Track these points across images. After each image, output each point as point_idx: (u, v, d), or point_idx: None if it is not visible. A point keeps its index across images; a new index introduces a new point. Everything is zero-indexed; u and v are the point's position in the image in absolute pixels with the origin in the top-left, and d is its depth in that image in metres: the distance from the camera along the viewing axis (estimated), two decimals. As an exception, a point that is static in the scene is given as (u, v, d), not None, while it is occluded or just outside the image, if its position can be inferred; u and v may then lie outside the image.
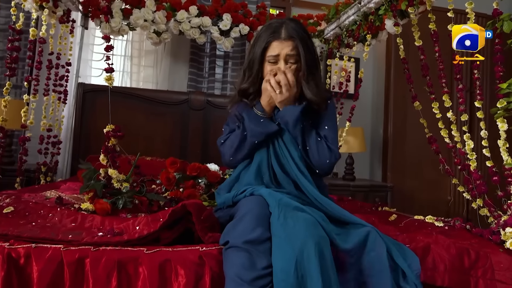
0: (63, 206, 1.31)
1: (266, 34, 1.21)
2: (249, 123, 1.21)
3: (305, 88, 1.21)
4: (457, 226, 1.22)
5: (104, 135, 1.47)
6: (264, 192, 1.07)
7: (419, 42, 1.66)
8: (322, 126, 1.26)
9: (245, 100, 1.26)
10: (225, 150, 1.28)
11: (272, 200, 1.01)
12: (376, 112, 3.40)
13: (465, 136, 1.38)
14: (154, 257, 0.90)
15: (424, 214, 3.13)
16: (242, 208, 1.03)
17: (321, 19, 2.78)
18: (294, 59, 1.20)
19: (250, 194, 1.10)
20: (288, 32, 1.19)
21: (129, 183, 1.27)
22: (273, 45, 1.19)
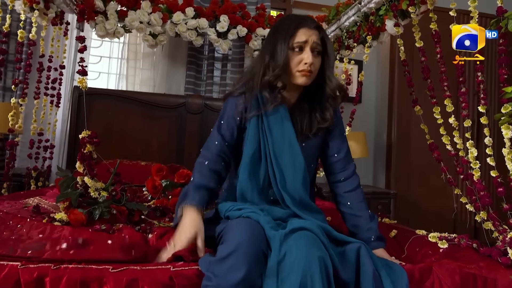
0: (40, 215, 1.25)
1: (292, 22, 1.15)
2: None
3: (329, 81, 1.17)
4: (463, 245, 1.12)
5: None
6: (264, 222, 0.97)
7: (420, 43, 1.57)
8: (337, 146, 1.25)
9: (265, 94, 1.14)
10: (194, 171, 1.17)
11: (274, 235, 0.92)
12: (379, 116, 3.30)
13: (468, 143, 1.29)
14: (120, 276, 0.83)
15: (429, 222, 3.01)
16: (232, 237, 0.91)
17: (322, 21, 2.69)
18: (319, 50, 1.14)
19: (247, 216, 1.01)
20: (315, 23, 1.16)
21: (108, 192, 1.20)
22: (300, 32, 1.12)
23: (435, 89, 1.53)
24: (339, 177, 1.25)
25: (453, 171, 1.43)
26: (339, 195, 1.25)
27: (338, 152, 1.25)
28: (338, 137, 1.27)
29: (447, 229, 2.74)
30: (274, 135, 1.15)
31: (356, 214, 1.21)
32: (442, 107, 1.47)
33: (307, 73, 1.12)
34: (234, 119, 1.19)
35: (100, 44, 2.91)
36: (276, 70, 1.12)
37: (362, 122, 3.21)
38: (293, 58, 1.13)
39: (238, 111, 1.18)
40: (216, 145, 1.18)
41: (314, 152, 1.24)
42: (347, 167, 1.26)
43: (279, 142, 1.15)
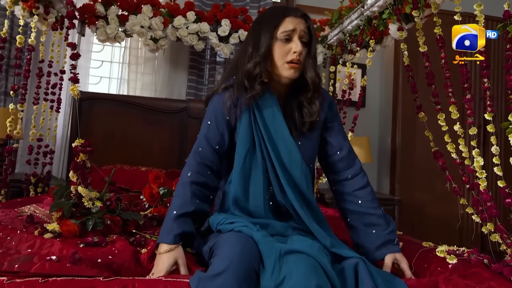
0: (33, 225, 1.23)
1: (277, 12, 1.09)
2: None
3: (310, 69, 1.09)
4: (473, 260, 1.06)
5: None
6: (258, 236, 0.91)
7: (423, 48, 1.53)
8: (339, 142, 1.18)
9: (247, 85, 1.06)
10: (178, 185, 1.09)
11: (269, 251, 0.87)
12: (384, 120, 3.25)
13: (474, 151, 1.24)
14: (112, 285, 0.79)
15: (434, 229, 2.95)
16: (222, 254, 0.86)
17: (325, 24, 2.66)
18: (307, 39, 1.08)
19: (238, 231, 0.95)
20: (301, 11, 1.10)
21: (102, 202, 1.18)
22: (287, 21, 1.06)
23: (440, 95, 1.48)
24: (346, 175, 1.17)
25: (459, 180, 1.38)
26: (348, 193, 1.15)
27: (340, 149, 1.18)
28: (338, 133, 1.20)
29: (453, 236, 2.70)
30: (269, 129, 1.09)
31: (370, 212, 1.11)
32: (447, 114, 1.42)
33: (295, 64, 1.06)
34: (223, 118, 1.10)
35: (101, 48, 2.90)
36: (257, 58, 1.06)
37: (365, 126, 3.16)
38: (280, 49, 1.06)
39: (226, 108, 1.09)
40: (200, 152, 1.08)
41: (311, 151, 1.16)
42: (353, 164, 1.18)
43: (275, 136, 1.08)
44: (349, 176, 1.17)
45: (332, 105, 1.21)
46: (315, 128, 1.14)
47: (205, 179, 1.07)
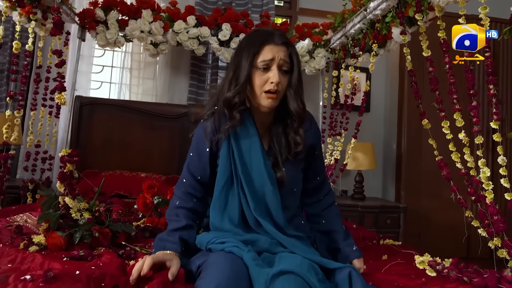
0: (21, 236, 1.20)
1: (258, 38, 1.06)
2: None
3: (291, 99, 1.06)
4: (452, 277, 1.00)
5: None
6: (248, 259, 0.88)
7: (427, 52, 1.47)
8: (320, 168, 1.21)
9: (227, 113, 1.05)
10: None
11: (258, 275, 0.83)
12: (389, 125, 3.18)
13: (480, 162, 1.18)
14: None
15: (442, 238, 2.86)
16: (210, 275, 0.82)
17: (327, 28, 2.61)
18: (287, 67, 1.05)
19: (229, 251, 0.91)
20: (282, 38, 1.06)
21: (91, 213, 1.14)
22: (266, 49, 1.03)
23: (445, 102, 1.42)
24: (319, 197, 1.21)
25: (466, 190, 1.31)
26: (316, 215, 1.20)
27: (319, 175, 1.21)
28: (319, 159, 1.21)
29: (460, 245, 2.60)
30: (245, 161, 1.06)
31: (333, 229, 1.17)
32: (452, 121, 1.36)
33: (273, 94, 1.03)
34: (204, 148, 1.09)
35: (102, 53, 2.88)
36: (237, 87, 1.03)
37: (370, 132, 3.10)
38: (259, 78, 1.03)
39: (207, 137, 1.08)
40: (185, 183, 1.10)
41: (297, 176, 1.14)
42: (325, 186, 1.23)
43: (250, 168, 1.05)
44: (322, 197, 1.21)
45: (318, 133, 1.20)
46: (300, 154, 1.12)
47: (192, 205, 1.09)
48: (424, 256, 1.19)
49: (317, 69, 2.61)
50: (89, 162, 2.61)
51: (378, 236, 1.55)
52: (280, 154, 1.08)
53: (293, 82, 1.06)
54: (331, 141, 2.52)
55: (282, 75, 1.03)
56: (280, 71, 1.03)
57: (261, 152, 1.06)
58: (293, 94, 1.05)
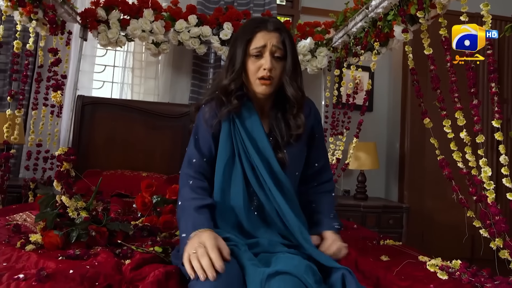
0: (19, 235, 1.20)
1: (251, 26, 1.07)
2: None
3: (287, 84, 1.06)
4: (464, 280, 0.98)
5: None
6: (244, 260, 0.86)
7: (428, 50, 1.45)
8: (318, 155, 1.19)
9: (224, 99, 1.06)
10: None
11: (253, 276, 0.82)
12: (392, 125, 3.15)
13: (481, 161, 1.16)
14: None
15: (445, 239, 2.83)
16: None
17: (329, 27, 2.60)
18: (281, 53, 1.05)
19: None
20: (275, 24, 1.06)
21: (88, 212, 1.13)
22: (258, 36, 1.04)
23: (448, 101, 1.40)
24: (315, 183, 1.21)
25: (467, 190, 1.29)
26: (308, 201, 1.18)
27: (318, 161, 1.19)
28: (319, 144, 1.20)
29: (465, 246, 2.57)
30: (254, 138, 1.07)
31: (320, 211, 1.16)
32: (454, 120, 1.34)
33: (266, 81, 1.04)
34: (206, 129, 1.09)
35: (104, 53, 2.89)
36: (232, 75, 1.05)
37: (373, 131, 3.08)
38: (253, 65, 1.05)
39: (206, 119, 1.09)
40: (194, 163, 1.09)
41: (298, 160, 1.14)
42: (325, 173, 1.21)
43: (260, 144, 1.06)
44: (316, 184, 1.20)
45: (317, 116, 1.19)
46: (301, 138, 1.12)
47: (204, 185, 1.08)
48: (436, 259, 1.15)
49: (319, 68, 2.59)
50: (91, 162, 2.62)
51: (378, 236, 1.53)
52: (281, 137, 1.09)
53: (287, 67, 1.06)
54: (333, 141, 2.50)
55: (275, 62, 1.04)
56: (273, 58, 1.04)
57: (263, 132, 1.08)
58: (288, 80, 1.06)
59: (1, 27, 1.66)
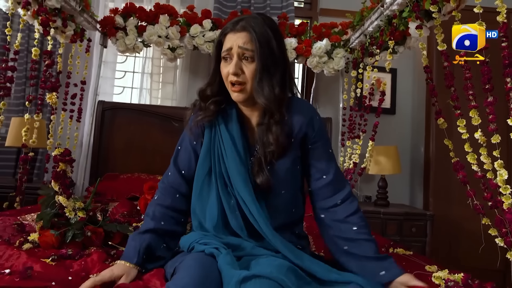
0: (21, 234, 1.22)
1: (224, 28, 1.02)
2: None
3: (255, 90, 0.96)
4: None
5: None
6: (222, 262, 0.83)
7: (442, 46, 1.36)
8: (323, 165, 1.04)
9: (202, 105, 1.02)
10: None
11: (229, 278, 0.77)
12: (416, 128, 3.01)
13: (497, 163, 1.07)
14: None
15: (474, 248, 2.66)
16: (179, 279, 0.78)
17: (347, 27, 2.53)
18: (250, 55, 0.96)
19: (210, 253, 0.87)
20: (244, 23, 0.98)
21: (85, 212, 1.14)
22: (227, 38, 0.99)
23: (464, 99, 1.30)
24: (336, 201, 1.03)
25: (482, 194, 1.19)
26: (339, 221, 1.01)
27: (326, 173, 1.04)
28: (322, 155, 1.06)
29: (495, 254, 2.40)
30: (227, 156, 1.00)
31: (369, 239, 0.98)
32: (469, 119, 1.25)
33: (236, 87, 0.96)
34: (188, 141, 1.07)
35: (125, 59, 2.96)
36: (208, 79, 1.02)
37: (396, 135, 2.96)
38: (224, 69, 0.98)
39: (191, 127, 1.05)
40: (169, 176, 1.07)
41: (283, 175, 1.02)
42: (342, 187, 1.05)
43: (231, 166, 0.99)
44: (339, 201, 1.03)
45: (313, 122, 1.05)
46: (287, 152, 1.02)
47: (171, 201, 1.04)
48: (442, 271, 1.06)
49: (336, 70, 2.53)
50: (110, 165, 2.69)
51: (388, 244, 1.44)
52: (264, 156, 0.99)
53: (256, 70, 0.95)
54: (350, 144, 2.42)
55: (246, 64, 0.96)
56: (241, 60, 0.96)
57: (242, 152, 1.00)
58: (256, 85, 0.96)
59: (19, 35, 1.73)
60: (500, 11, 1.07)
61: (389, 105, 3.00)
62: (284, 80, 1.01)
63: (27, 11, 1.84)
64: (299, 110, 1.03)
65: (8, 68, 1.66)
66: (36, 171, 2.65)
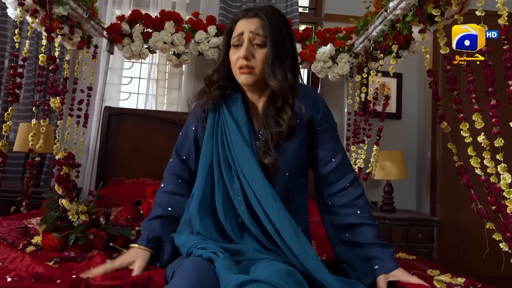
0: (26, 237, 1.24)
1: (234, 17, 1.04)
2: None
3: (269, 75, 0.98)
4: None
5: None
6: (220, 267, 0.82)
7: (445, 49, 1.36)
8: (331, 149, 1.05)
9: (208, 91, 1.05)
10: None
11: (226, 283, 0.77)
12: (422, 132, 2.99)
13: (500, 167, 1.05)
14: None
15: (481, 254, 2.61)
16: (175, 284, 0.78)
17: (351, 32, 2.53)
18: (261, 41, 0.98)
19: (207, 257, 0.87)
20: (256, 11, 1.01)
21: (88, 216, 1.15)
22: (237, 25, 1.01)
23: (461, 103, 1.30)
24: (344, 184, 1.04)
25: (486, 198, 1.18)
26: (345, 205, 1.03)
27: (335, 156, 1.05)
28: (329, 138, 1.06)
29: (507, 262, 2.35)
30: (231, 139, 1.00)
31: (372, 223, 1.01)
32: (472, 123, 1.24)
33: (244, 70, 0.98)
34: (190, 126, 1.10)
35: (131, 65, 3.00)
36: (216, 66, 1.05)
37: (402, 139, 2.94)
38: (234, 55, 1.00)
39: (195, 112, 1.08)
40: (170, 163, 1.12)
41: (290, 160, 1.02)
42: (350, 171, 1.07)
43: (236, 148, 0.99)
44: (347, 184, 1.05)
45: (317, 104, 1.07)
46: (294, 134, 1.03)
47: (173, 187, 1.09)
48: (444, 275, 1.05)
49: (340, 75, 2.53)
50: (116, 170, 2.71)
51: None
52: (270, 137, 1.00)
53: (268, 55, 0.98)
54: (355, 149, 2.41)
55: (256, 50, 0.98)
56: (252, 45, 0.98)
57: (248, 131, 1.01)
58: (269, 70, 0.97)
59: (27, 42, 1.77)
60: (501, 14, 1.06)
61: (395, 110, 2.99)
62: (295, 68, 1.04)
63: (35, 18, 1.88)
64: (303, 95, 1.05)
65: (17, 74, 1.69)
66: (44, 176, 2.68)
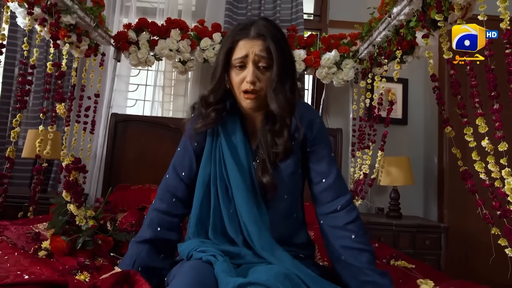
0: (36, 242, 1.25)
1: (232, 33, 0.98)
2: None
3: (270, 98, 0.95)
4: None
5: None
6: (218, 270, 0.82)
7: (448, 54, 1.36)
8: (322, 168, 1.02)
9: (203, 111, 1.00)
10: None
11: (225, 285, 0.77)
12: (429, 138, 2.97)
13: (504, 171, 1.05)
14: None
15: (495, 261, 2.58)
16: (175, 287, 0.79)
17: (356, 38, 2.54)
18: (266, 62, 0.95)
19: (207, 260, 0.87)
20: (258, 30, 0.95)
21: (96, 221, 1.17)
22: (240, 45, 0.95)
23: (465, 107, 1.29)
24: (335, 206, 1.00)
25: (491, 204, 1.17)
26: (339, 228, 0.99)
27: (326, 177, 1.02)
28: (321, 158, 1.04)
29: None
30: (227, 161, 0.99)
31: (366, 249, 0.96)
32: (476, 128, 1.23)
33: (250, 94, 0.95)
34: (189, 143, 1.04)
35: (137, 72, 3.04)
36: (212, 86, 0.98)
37: (408, 145, 2.92)
38: (236, 77, 0.96)
39: (193, 133, 1.03)
40: (167, 180, 1.06)
41: (287, 178, 1.00)
42: (343, 194, 1.02)
43: (231, 170, 0.98)
44: (339, 207, 1.01)
45: (312, 125, 1.04)
46: (290, 155, 1.01)
47: (166, 206, 1.03)
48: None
49: (345, 81, 2.53)
50: (122, 176, 2.73)
51: (390, 255, 1.40)
52: (268, 156, 0.99)
53: (272, 79, 0.94)
54: (360, 155, 2.40)
55: (261, 72, 0.95)
56: (257, 68, 0.95)
57: (245, 152, 0.99)
58: (272, 93, 0.94)
59: (36, 50, 1.80)
60: (503, 18, 1.07)
61: (401, 116, 2.98)
62: (294, 85, 1.01)
63: (43, 27, 1.92)
64: (300, 114, 1.02)
65: (25, 81, 1.72)
66: (51, 182, 2.71)
